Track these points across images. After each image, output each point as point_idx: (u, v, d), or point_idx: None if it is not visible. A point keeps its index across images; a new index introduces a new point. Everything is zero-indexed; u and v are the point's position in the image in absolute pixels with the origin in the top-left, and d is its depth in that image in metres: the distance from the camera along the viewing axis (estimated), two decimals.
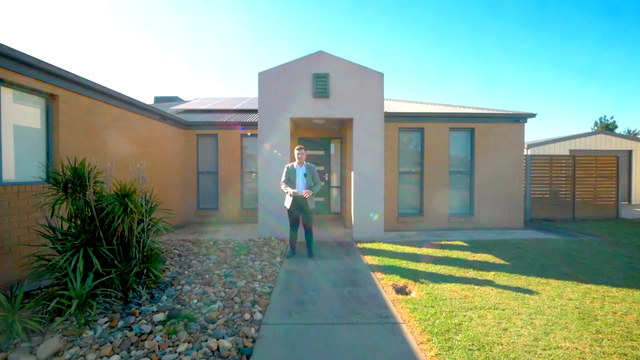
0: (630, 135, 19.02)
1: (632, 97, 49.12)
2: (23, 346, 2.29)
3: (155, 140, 7.10)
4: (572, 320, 2.91)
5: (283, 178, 5.01)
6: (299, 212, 4.97)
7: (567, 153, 13.73)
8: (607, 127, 32.16)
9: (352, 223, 6.51)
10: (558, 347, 2.46)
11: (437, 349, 2.44)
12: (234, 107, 10.28)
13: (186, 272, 4.10)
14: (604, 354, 2.39)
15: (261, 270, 4.22)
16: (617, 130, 32.09)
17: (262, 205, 6.26)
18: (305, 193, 4.77)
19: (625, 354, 2.38)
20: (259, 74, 6.31)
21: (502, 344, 2.50)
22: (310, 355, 2.40)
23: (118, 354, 2.27)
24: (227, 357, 2.28)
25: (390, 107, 8.78)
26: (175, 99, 14.61)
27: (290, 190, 4.83)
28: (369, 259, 4.89)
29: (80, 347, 2.32)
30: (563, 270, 4.36)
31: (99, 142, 5.31)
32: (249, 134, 8.42)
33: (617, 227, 7.81)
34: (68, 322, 2.65)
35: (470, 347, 2.45)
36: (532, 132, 58.20)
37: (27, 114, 4.32)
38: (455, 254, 5.21)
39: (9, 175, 3.98)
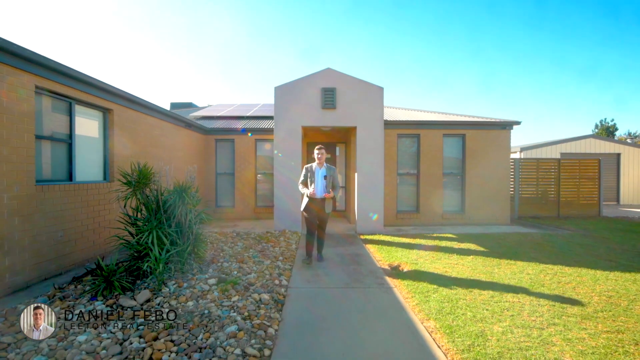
0: (619, 139, 19.81)
1: (632, 98, 49.66)
2: (126, 295, 3.24)
3: (181, 145, 8.07)
4: (524, 286, 3.81)
5: (301, 179, 4.78)
6: (314, 218, 4.69)
7: (559, 156, 14.55)
8: (607, 130, 32.86)
9: (356, 218, 7.42)
10: (506, 301, 3.37)
11: (417, 301, 3.36)
12: (247, 114, 11.27)
13: (221, 254, 5.04)
14: (539, 304, 3.29)
15: (281, 254, 5.16)
16: (617, 132, 32.81)
17: (277, 203, 7.21)
18: (327, 195, 4.53)
19: (554, 305, 3.28)
20: (275, 88, 7.26)
21: (466, 300, 3.40)
22: (326, 303, 3.33)
23: (191, 301, 3.20)
24: (267, 304, 3.21)
25: (390, 115, 9.69)
26: (189, 105, 15.64)
27: (307, 191, 4.64)
28: (370, 247, 5.81)
29: (163, 297, 3.26)
30: (531, 255, 5.25)
31: (139, 147, 6.28)
32: (249, 134, 9.36)
33: (595, 224, 8.66)
34: (145, 283, 3.60)
35: (442, 301, 3.36)
36: (531, 132, 58.79)
37: (90, 126, 5.30)
38: (443, 243, 6.11)
39: (80, 175, 4.95)
